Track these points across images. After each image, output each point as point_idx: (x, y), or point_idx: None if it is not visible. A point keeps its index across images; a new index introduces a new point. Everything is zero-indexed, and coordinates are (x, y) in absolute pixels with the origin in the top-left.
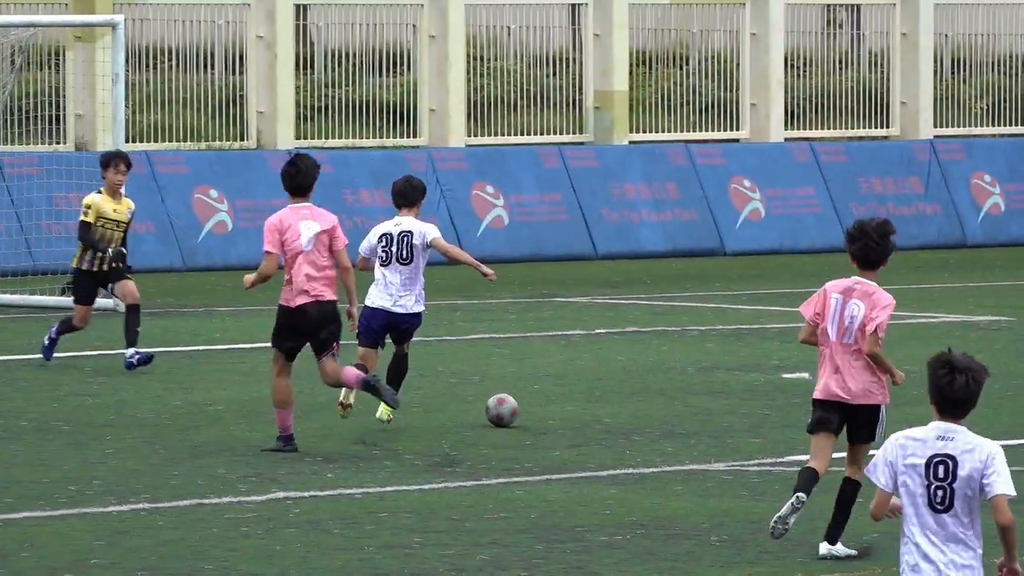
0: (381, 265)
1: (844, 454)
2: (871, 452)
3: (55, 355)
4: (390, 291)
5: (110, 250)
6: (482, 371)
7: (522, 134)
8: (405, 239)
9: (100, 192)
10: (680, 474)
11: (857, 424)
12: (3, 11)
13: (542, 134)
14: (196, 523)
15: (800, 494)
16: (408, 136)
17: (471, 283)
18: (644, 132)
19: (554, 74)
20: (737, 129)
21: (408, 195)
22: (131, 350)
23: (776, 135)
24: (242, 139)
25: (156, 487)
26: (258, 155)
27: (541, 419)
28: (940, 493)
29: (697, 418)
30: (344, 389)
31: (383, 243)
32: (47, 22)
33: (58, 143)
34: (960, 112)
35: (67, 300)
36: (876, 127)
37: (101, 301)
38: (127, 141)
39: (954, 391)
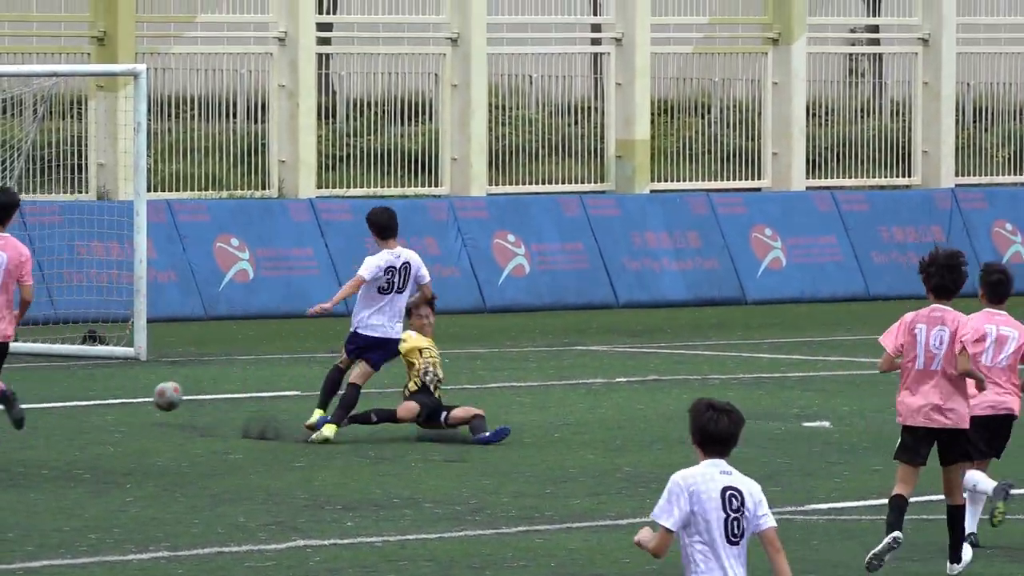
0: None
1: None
2: None
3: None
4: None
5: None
6: (503, 419)
7: (544, 183)
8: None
9: (411, 333)
10: None
11: (945, 446)
12: (25, 61)
13: (563, 183)
14: (216, 571)
15: (896, 534)
16: (430, 185)
17: (491, 332)
18: (665, 181)
19: (576, 123)
20: (759, 178)
21: (395, 226)
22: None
23: (798, 184)
24: (264, 188)
25: (176, 535)
26: (280, 204)
27: (561, 467)
28: (735, 524)
29: None
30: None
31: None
32: (69, 71)
33: (80, 192)
34: (982, 161)
35: (88, 348)
36: (898, 176)
37: (120, 349)
38: (149, 190)
39: (719, 430)
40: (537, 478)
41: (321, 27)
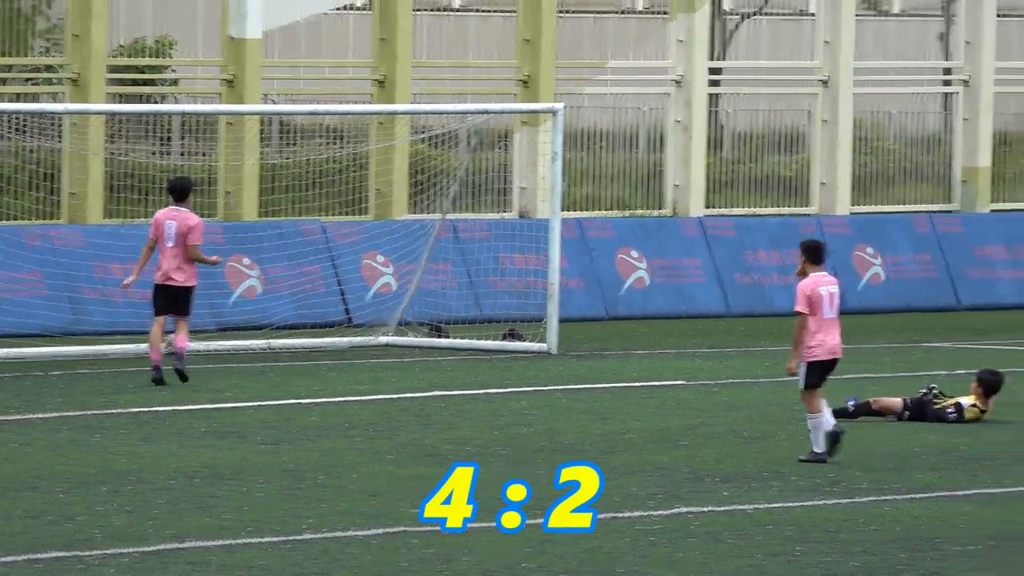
0: None
1: None
2: None
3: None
4: None
5: None
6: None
7: (898, 203)
8: None
9: None
10: None
11: None
12: (461, 100)
13: (916, 203)
14: (611, 534)
15: None
16: (801, 205)
17: (853, 330)
18: (1004, 202)
19: (927, 152)
20: None
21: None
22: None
23: None
24: (660, 208)
25: None
26: (673, 221)
27: (907, 446)
28: None
29: None
30: None
31: None
32: (498, 109)
33: (504, 211)
34: None
35: (507, 344)
36: None
37: (535, 345)
38: (563, 209)
39: None
40: (886, 455)
41: (712, 71)
